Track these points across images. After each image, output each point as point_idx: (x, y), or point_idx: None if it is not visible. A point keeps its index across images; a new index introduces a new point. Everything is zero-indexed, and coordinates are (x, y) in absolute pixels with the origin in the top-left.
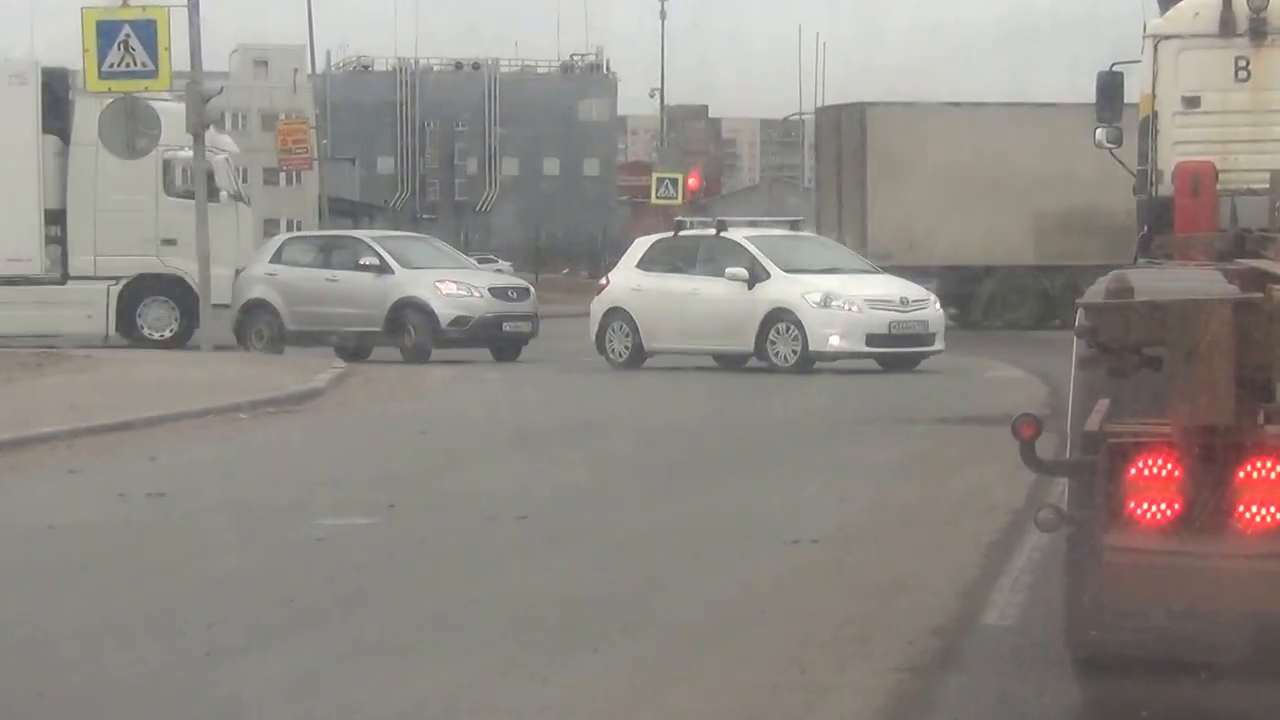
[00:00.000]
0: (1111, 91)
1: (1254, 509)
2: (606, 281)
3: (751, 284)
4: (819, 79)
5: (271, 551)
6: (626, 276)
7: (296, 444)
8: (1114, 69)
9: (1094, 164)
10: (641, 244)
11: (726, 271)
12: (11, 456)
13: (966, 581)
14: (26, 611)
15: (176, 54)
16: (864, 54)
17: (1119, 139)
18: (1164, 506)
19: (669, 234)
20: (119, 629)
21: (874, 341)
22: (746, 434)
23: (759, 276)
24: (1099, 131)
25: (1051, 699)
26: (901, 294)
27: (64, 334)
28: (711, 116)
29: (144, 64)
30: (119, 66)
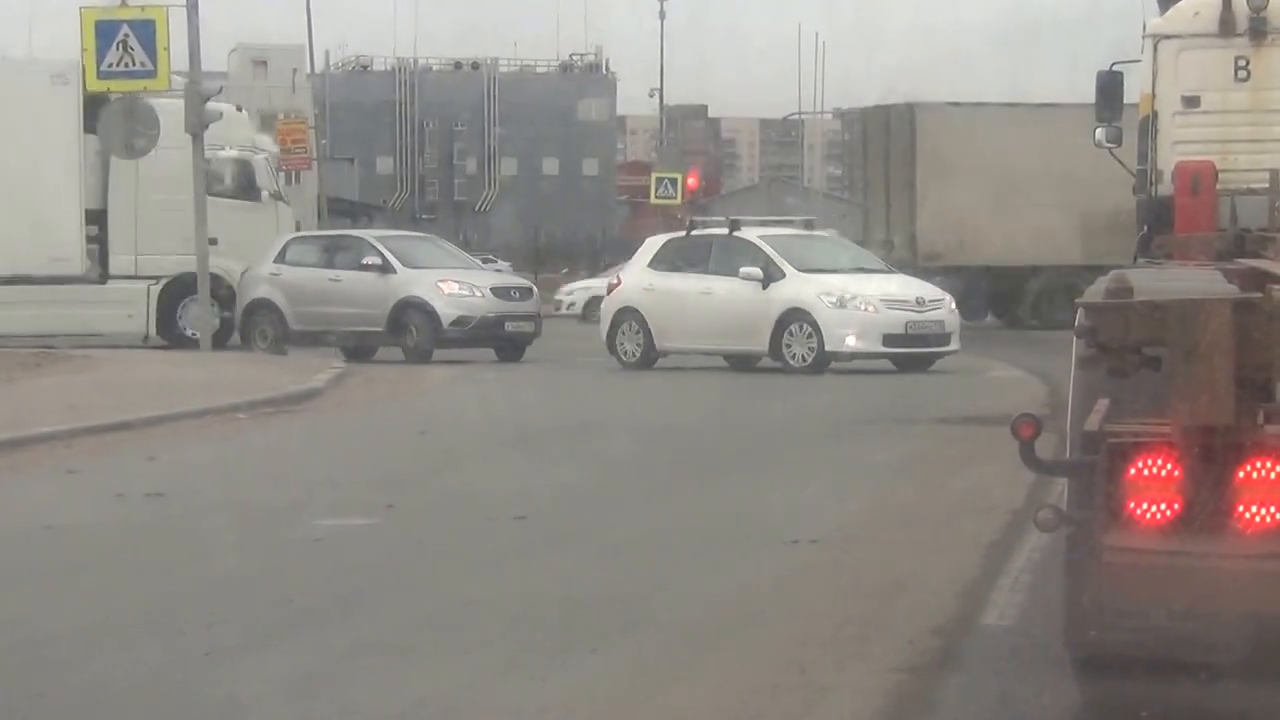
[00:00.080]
0: (1111, 91)
1: (1254, 509)
2: (617, 281)
3: (766, 284)
4: (818, 79)
5: (270, 552)
6: (638, 276)
7: (295, 444)
8: (1114, 69)
9: None
10: (653, 243)
11: (740, 271)
12: (10, 456)
13: (966, 581)
14: (25, 612)
15: (175, 54)
16: (864, 54)
17: (1119, 139)
18: (1164, 506)
19: (681, 233)
20: (118, 629)
21: (890, 342)
22: (747, 434)
23: (773, 276)
24: (1098, 131)
25: (1051, 699)
26: (917, 294)
27: (104, 334)
28: (710, 116)
29: (143, 64)
30: (118, 66)
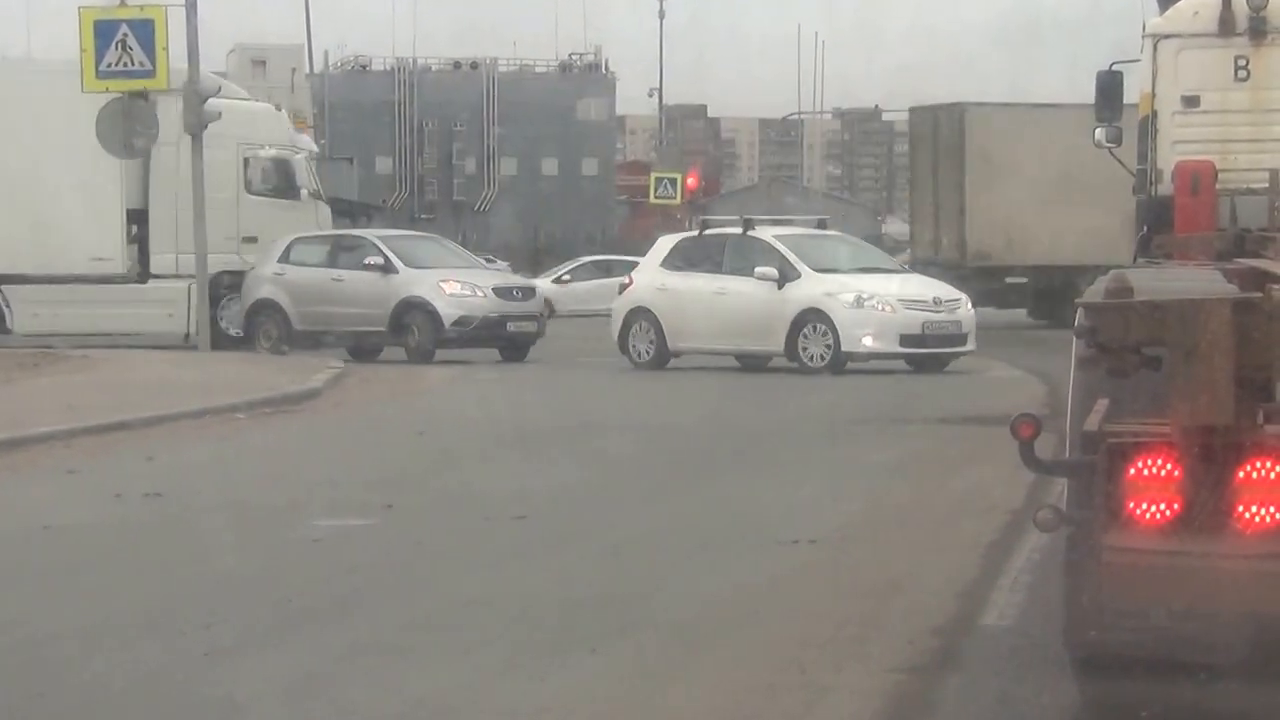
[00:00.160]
0: (1111, 91)
1: (1253, 509)
2: (629, 280)
3: (781, 284)
4: (818, 79)
5: (269, 552)
6: (650, 276)
7: (294, 444)
8: (1114, 68)
9: None
10: (665, 242)
11: (756, 271)
12: (9, 457)
13: (965, 582)
14: (24, 612)
15: (174, 54)
16: (864, 54)
17: (1118, 138)
18: (1163, 506)
19: (693, 233)
20: (117, 629)
21: (907, 342)
22: (746, 434)
23: (789, 276)
24: (1098, 131)
25: (1051, 699)
26: (934, 294)
27: (145, 333)
28: (710, 116)
29: (141, 64)
30: (116, 66)
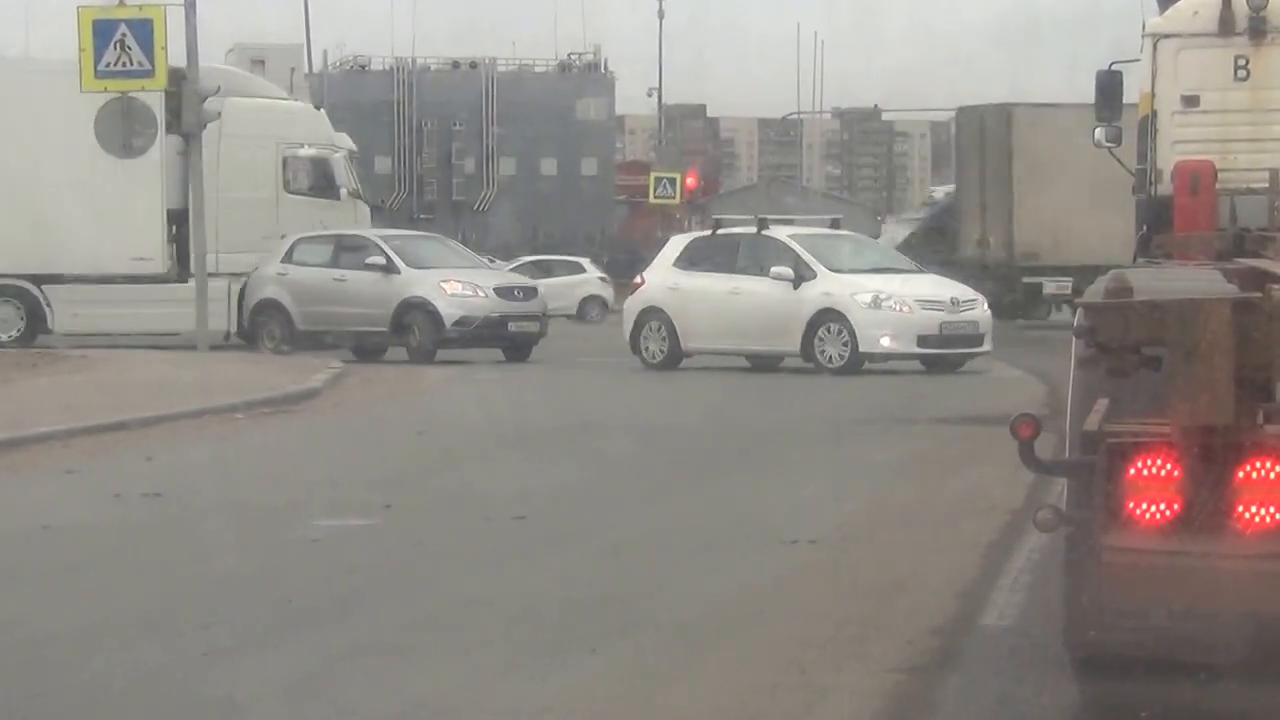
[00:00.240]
0: (1111, 90)
1: (1253, 509)
2: (641, 280)
3: (797, 284)
4: (817, 78)
5: (268, 552)
6: (663, 275)
7: (293, 444)
8: (1113, 68)
9: None
10: (678, 242)
11: (771, 271)
12: (7, 457)
13: (965, 582)
14: (23, 612)
15: (173, 53)
16: (863, 53)
17: (1118, 138)
18: (1163, 506)
19: (706, 232)
20: (116, 629)
21: (925, 343)
22: (747, 433)
23: (805, 276)
24: (1098, 130)
25: (1051, 699)
26: (951, 294)
27: (184, 332)
28: (709, 116)
29: (140, 63)
30: (115, 66)
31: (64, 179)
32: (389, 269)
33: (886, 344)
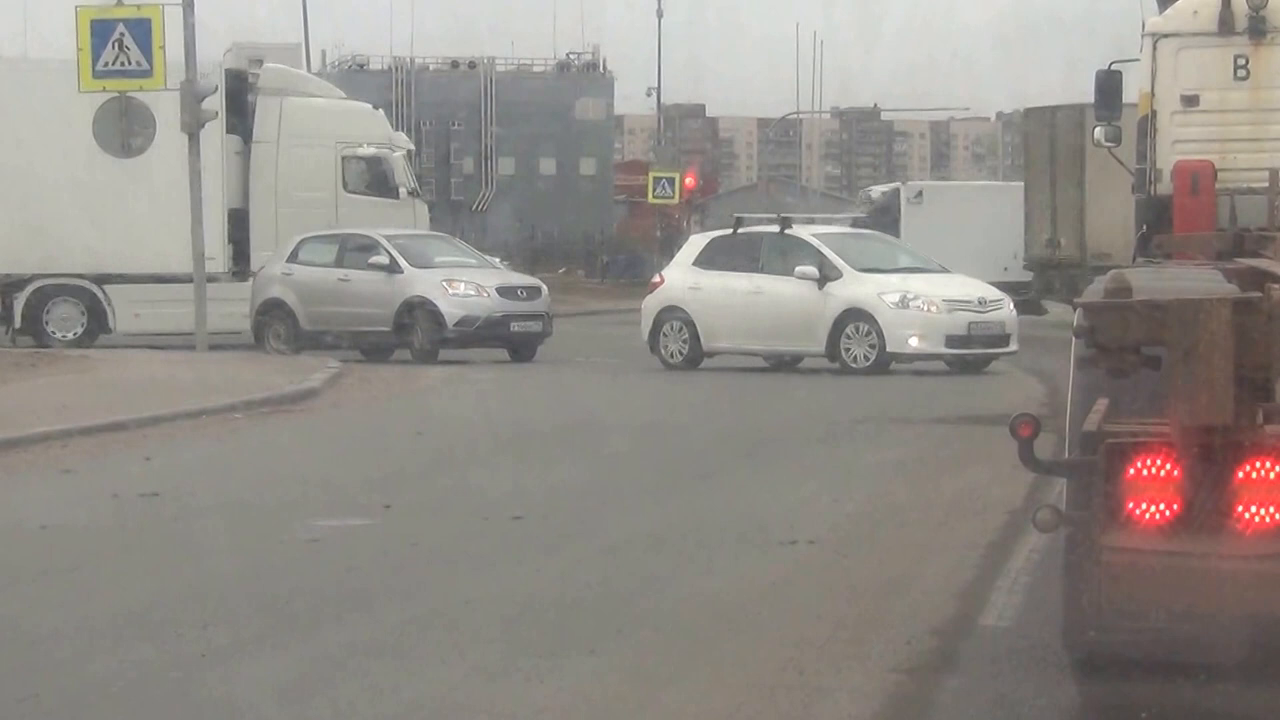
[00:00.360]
0: (1110, 90)
1: (1253, 509)
2: (660, 279)
3: (822, 283)
4: (816, 78)
5: (265, 552)
6: (683, 274)
7: (291, 444)
8: (1113, 68)
9: None
10: (698, 241)
11: (796, 270)
12: (5, 457)
13: (964, 582)
14: (20, 612)
15: (171, 53)
16: (862, 53)
17: (1118, 138)
18: (1163, 507)
19: (727, 231)
20: (113, 630)
21: (953, 343)
22: (746, 434)
23: (830, 276)
24: (1098, 130)
25: (1050, 700)
26: (979, 295)
27: (243, 331)
28: (708, 115)
29: (138, 63)
30: (113, 65)
31: (123, 180)
32: (392, 268)
33: (915, 344)
